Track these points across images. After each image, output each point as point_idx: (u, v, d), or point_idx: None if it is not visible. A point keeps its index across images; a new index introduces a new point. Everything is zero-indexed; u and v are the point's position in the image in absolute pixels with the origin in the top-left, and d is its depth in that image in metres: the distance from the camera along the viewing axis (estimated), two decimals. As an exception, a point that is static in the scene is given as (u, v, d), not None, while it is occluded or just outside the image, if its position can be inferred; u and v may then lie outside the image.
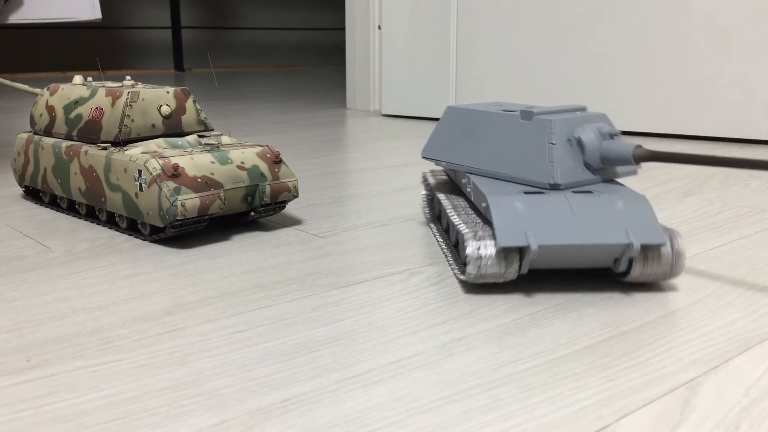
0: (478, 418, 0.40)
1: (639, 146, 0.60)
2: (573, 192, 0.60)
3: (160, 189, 0.69)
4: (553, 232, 0.56)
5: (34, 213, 0.87)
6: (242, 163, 0.75)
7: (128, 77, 0.86)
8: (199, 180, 0.71)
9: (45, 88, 0.90)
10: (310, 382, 0.44)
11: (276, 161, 0.78)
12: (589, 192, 0.60)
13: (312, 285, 0.61)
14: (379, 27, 1.91)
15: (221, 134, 0.83)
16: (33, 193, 0.93)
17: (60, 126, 0.85)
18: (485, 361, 0.47)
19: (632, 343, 0.50)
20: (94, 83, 0.86)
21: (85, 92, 0.84)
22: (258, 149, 0.78)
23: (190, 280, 0.63)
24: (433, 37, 1.77)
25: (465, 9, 1.71)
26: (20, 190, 0.99)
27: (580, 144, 0.61)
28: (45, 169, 0.85)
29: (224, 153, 0.75)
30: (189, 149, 0.76)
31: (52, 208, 0.88)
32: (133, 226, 0.77)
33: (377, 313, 0.55)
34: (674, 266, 0.58)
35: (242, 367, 0.46)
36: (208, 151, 0.75)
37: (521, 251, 0.57)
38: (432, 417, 0.40)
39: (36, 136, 0.88)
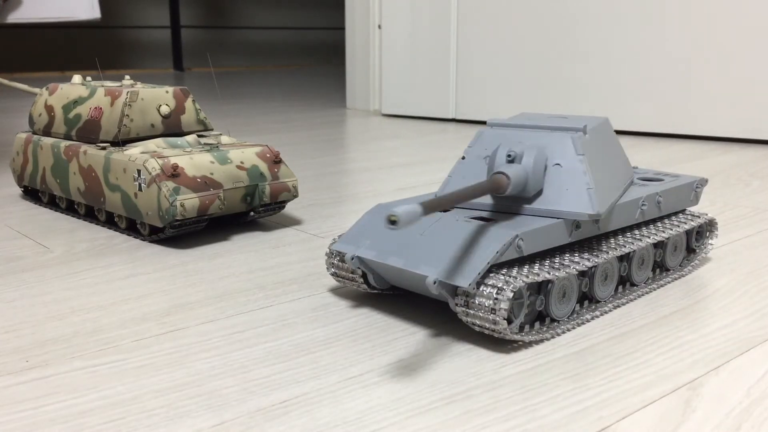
0: (478, 419, 0.40)
1: (499, 174, 0.51)
2: (463, 214, 0.54)
3: (160, 189, 0.69)
4: (384, 249, 0.52)
5: (33, 213, 0.86)
6: (242, 162, 0.75)
7: (127, 77, 0.86)
8: (199, 180, 0.71)
9: (44, 88, 0.90)
10: (309, 382, 0.44)
11: (276, 161, 0.78)
12: (482, 219, 0.53)
13: (312, 285, 0.61)
14: (379, 26, 1.90)
15: (221, 134, 0.83)
16: (32, 193, 0.93)
17: (59, 126, 0.85)
18: (486, 362, 0.47)
19: (633, 344, 0.50)
20: (93, 83, 0.86)
21: (84, 92, 0.83)
22: (257, 149, 0.78)
23: (190, 280, 0.63)
24: (433, 37, 1.77)
25: (465, 9, 1.71)
26: (19, 190, 0.99)
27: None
28: (44, 169, 0.85)
29: (224, 153, 0.75)
30: (188, 149, 0.76)
31: (51, 208, 0.88)
32: (132, 226, 0.77)
33: (377, 314, 0.55)
34: (496, 320, 0.47)
35: (242, 367, 0.46)
36: (208, 150, 0.75)
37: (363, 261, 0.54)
38: (432, 418, 0.40)
39: (35, 136, 0.88)
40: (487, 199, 0.55)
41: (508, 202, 0.54)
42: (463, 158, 0.56)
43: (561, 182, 0.53)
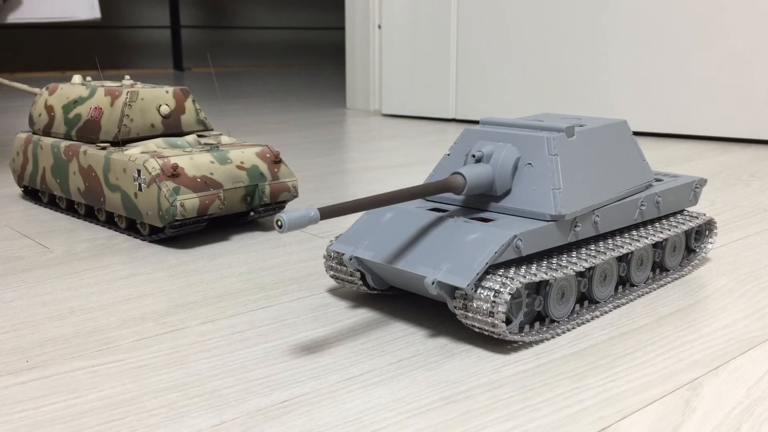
0: (478, 419, 0.40)
1: (459, 177, 0.52)
2: (465, 212, 0.54)
3: (159, 189, 0.69)
4: (382, 250, 0.52)
5: (33, 213, 0.86)
6: (242, 162, 0.75)
7: (127, 77, 0.86)
8: (199, 180, 0.71)
9: (44, 88, 0.90)
10: (309, 382, 0.44)
11: (275, 161, 0.78)
12: (481, 217, 0.53)
13: (312, 285, 0.61)
14: (379, 26, 1.90)
15: (221, 134, 0.83)
16: (32, 193, 0.93)
17: (59, 126, 0.85)
18: (486, 362, 0.47)
19: (633, 344, 0.50)
20: (93, 83, 0.86)
21: (84, 92, 0.83)
22: (257, 149, 0.78)
23: (189, 280, 0.63)
24: (433, 37, 1.77)
25: (465, 9, 1.71)
26: (19, 190, 0.99)
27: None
28: (44, 169, 0.85)
29: (224, 153, 0.75)
30: (188, 149, 0.76)
31: (51, 208, 0.88)
32: (132, 226, 0.77)
33: (377, 314, 0.55)
34: (495, 323, 0.47)
35: (241, 367, 0.46)
36: (208, 150, 0.75)
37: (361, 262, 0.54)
38: (432, 418, 0.40)
39: (35, 136, 0.88)
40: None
41: (476, 198, 0.55)
42: (448, 155, 0.58)
43: (530, 182, 0.53)
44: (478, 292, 0.47)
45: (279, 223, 0.43)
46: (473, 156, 0.54)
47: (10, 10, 1.25)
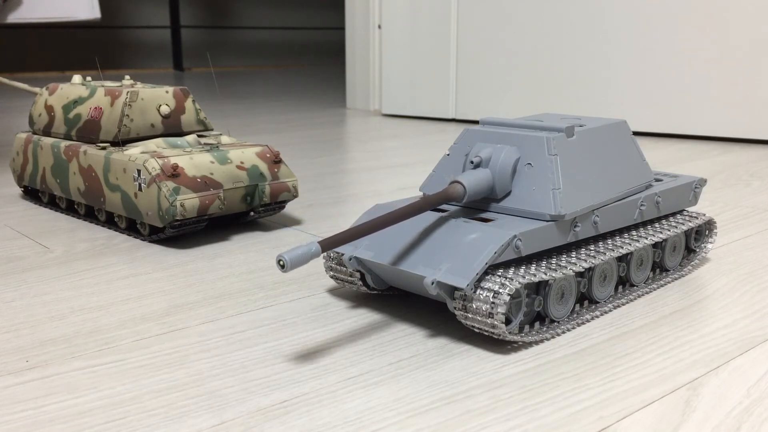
0: (478, 419, 0.40)
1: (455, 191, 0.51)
2: (465, 212, 0.54)
3: (159, 189, 0.69)
4: (381, 250, 0.52)
5: (33, 213, 0.86)
6: (242, 162, 0.75)
7: (127, 77, 0.86)
8: (199, 180, 0.71)
9: (44, 88, 0.90)
10: (309, 382, 0.44)
11: (275, 161, 0.78)
12: (481, 217, 0.53)
13: (312, 285, 0.61)
14: (379, 26, 1.90)
15: (221, 134, 0.83)
16: (32, 193, 0.93)
17: (59, 126, 0.85)
18: (486, 362, 0.47)
19: (633, 344, 0.50)
20: (93, 83, 0.86)
21: (84, 92, 0.83)
22: (257, 149, 0.78)
23: (189, 280, 0.63)
24: (433, 37, 1.77)
25: (465, 9, 1.71)
26: (19, 190, 0.99)
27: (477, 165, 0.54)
28: (44, 169, 0.85)
29: (224, 153, 0.75)
30: (188, 149, 0.76)
31: (50, 208, 0.88)
32: (132, 226, 0.77)
33: (376, 314, 0.55)
34: (494, 324, 0.47)
35: (241, 367, 0.46)
36: (208, 150, 0.75)
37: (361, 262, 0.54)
38: (432, 418, 0.40)
39: (35, 136, 0.88)
40: None
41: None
42: (448, 155, 0.58)
43: (530, 182, 0.53)
44: (477, 292, 0.47)
45: (281, 262, 0.42)
46: (471, 162, 0.54)
47: (10, 10, 1.25)
